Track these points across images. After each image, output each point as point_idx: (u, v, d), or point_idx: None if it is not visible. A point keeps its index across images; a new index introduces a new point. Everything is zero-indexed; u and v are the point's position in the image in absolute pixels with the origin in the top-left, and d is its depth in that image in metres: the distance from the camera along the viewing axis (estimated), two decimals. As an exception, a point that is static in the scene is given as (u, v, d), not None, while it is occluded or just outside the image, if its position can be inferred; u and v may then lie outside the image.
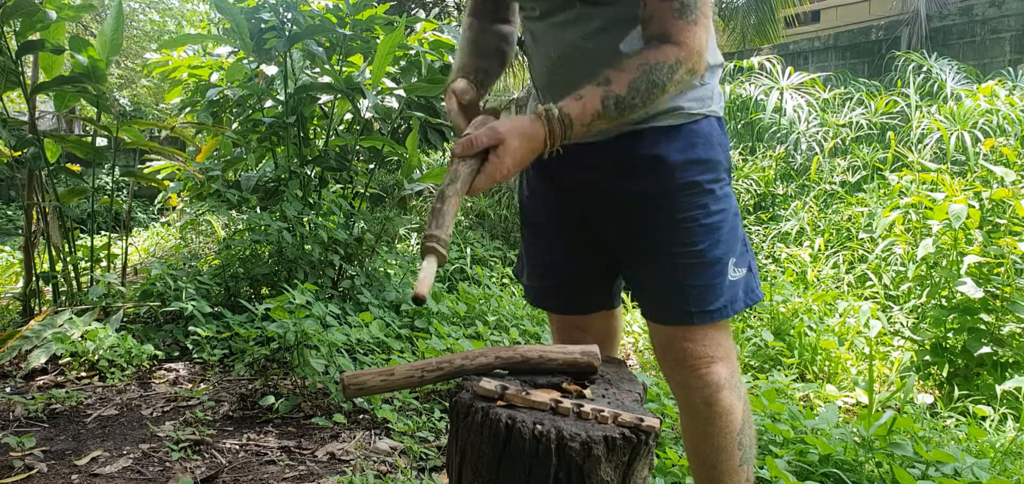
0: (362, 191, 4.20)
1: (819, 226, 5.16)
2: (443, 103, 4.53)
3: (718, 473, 1.36)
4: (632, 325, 4.05)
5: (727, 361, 1.36)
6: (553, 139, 1.15)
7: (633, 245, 1.38)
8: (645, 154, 1.31)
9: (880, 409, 2.61)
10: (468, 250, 5.37)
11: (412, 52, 4.28)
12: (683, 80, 1.19)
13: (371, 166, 4.27)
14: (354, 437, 2.45)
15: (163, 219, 7.94)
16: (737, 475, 1.36)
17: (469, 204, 6.61)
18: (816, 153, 6.21)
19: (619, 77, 1.16)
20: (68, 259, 3.71)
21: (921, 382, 3.27)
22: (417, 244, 5.88)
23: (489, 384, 1.03)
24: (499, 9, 1.51)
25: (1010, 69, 6.78)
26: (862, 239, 4.75)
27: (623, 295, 1.80)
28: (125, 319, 3.48)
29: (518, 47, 1.53)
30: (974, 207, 3.46)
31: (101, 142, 4.01)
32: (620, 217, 1.36)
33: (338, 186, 4.23)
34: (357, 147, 4.11)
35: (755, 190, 6.02)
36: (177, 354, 3.36)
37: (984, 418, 2.74)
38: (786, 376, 3.16)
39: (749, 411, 1.41)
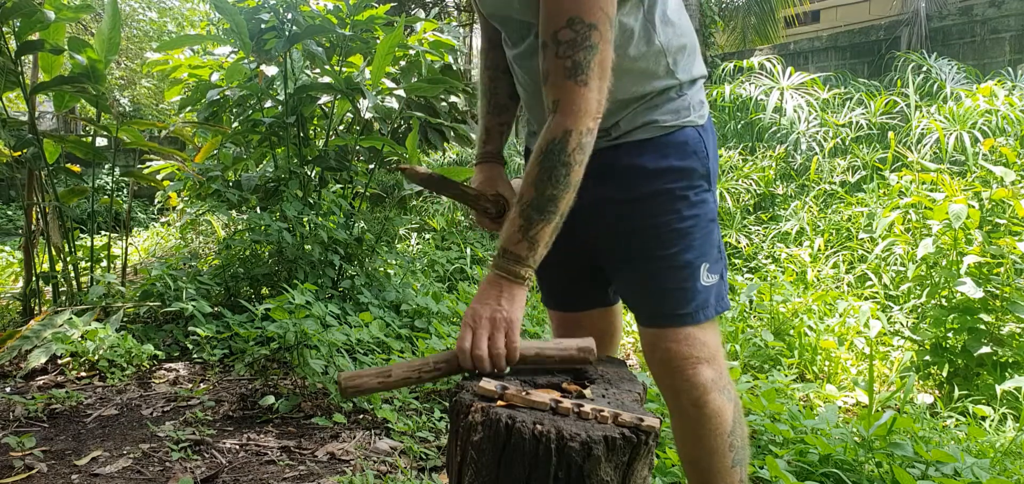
0: (362, 191, 4.20)
1: (819, 226, 5.15)
2: (443, 103, 4.52)
3: (711, 475, 1.37)
4: (632, 325, 4.05)
5: (713, 363, 1.36)
6: (516, 273, 1.16)
7: (611, 248, 1.41)
8: (621, 164, 1.35)
9: (880, 409, 2.61)
10: (468, 250, 5.37)
11: (412, 52, 4.28)
12: (583, 147, 1.17)
13: (371, 166, 4.28)
14: (354, 437, 2.45)
15: (163, 219, 7.94)
16: (730, 476, 1.37)
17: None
18: (816, 153, 6.21)
19: (525, 185, 1.18)
20: (68, 259, 3.71)
21: (921, 382, 3.27)
22: (417, 244, 5.88)
23: (489, 384, 1.03)
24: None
25: (1010, 69, 6.78)
26: (862, 239, 4.75)
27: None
28: (125, 319, 3.48)
29: None
30: (974, 207, 3.46)
31: (101, 142, 4.01)
32: (599, 222, 1.39)
33: (338, 186, 4.23)
34: (357, 147, 4.11)
35: (755, 190, 6.02)
36: (177, 354, 3.36)
37: (984, 418, 2.74)
38: (786, 376, 3.16)
39: (740, 412, 1.41)
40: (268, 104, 4.12)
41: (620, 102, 1.32)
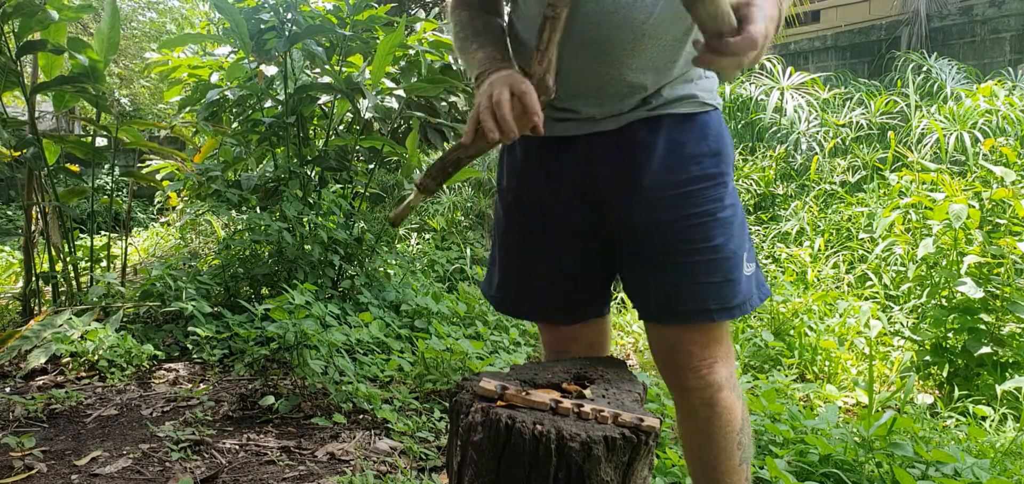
0: (362, 191, 4.20)
1: (819, 226, 5.15)
2: (443, 103, 4.50)
3: (718, 473, 1.35)
4: (632, 325, 4.05)
5: (726, 361, 1.34)
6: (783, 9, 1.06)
7: (645, 243, 1.30)
8: (660, 143, 1.27)
9: (880, 409, 2.61)
10: (468, 250, 5.37)
11: (412, 52, 4.28)
12: None
13: (371, 166, 4.28)
14: (354, 437, 2.45)
15: (163, 219, 7.94)
16: (737, 474, 1.36)
17: (468, 203, 6.61)
18: (816, 153, 6.21)
19: None
20: (68, 259, 3.71)
21: (921, 382, 3.27)
22: (417, 244, 5.88)
23: (489, 384, 1.03)
24: None
25: (1010, 69, 6.78)
26: (862, 239, 4.75)
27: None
28: (125, 319, 3.48)
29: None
30: (974, 207, 3.46)
31: (101, 142, 4.01)
32: (631, 213, 1.30)
33: (338, 186, 4.23)
34: (357, 147, 4.11)
35: (755, 190, 6.02)
36: (177, 354, 3.36)
37: (984, 418, 2.74)
38: (786, 376, 3.16)
39: (747, 410, 1.40)
40: (268, 104, 4.12)
41: (671, 62, 1.26)
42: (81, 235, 4.73)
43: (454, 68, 4.31)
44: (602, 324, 1.52)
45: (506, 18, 1.43)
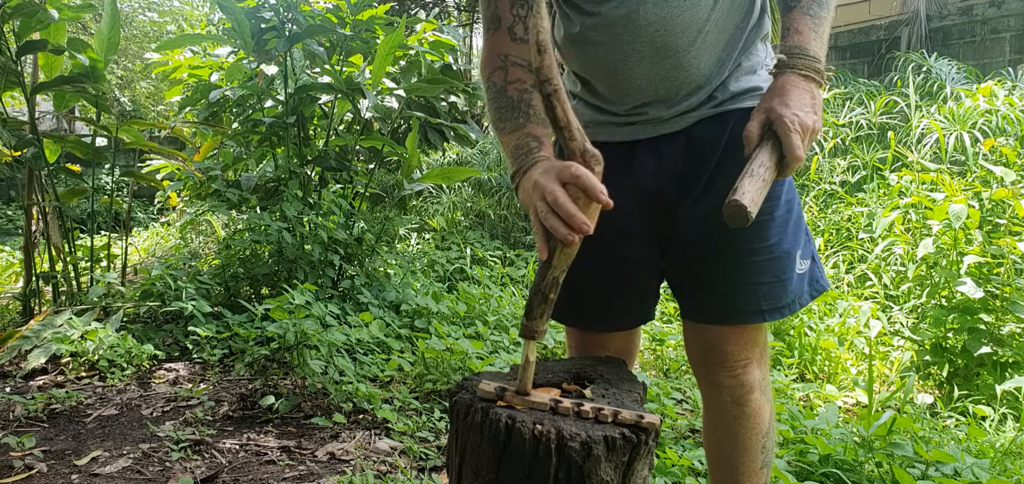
0: (362, 191, 4.20)
1: (819, 226, 5.15)
2: (443, 103, 4.50)
3: (738, 474, 1.35)
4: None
5: (762, 363, 1.34)
6: (821, 74, 1.10)
7: (700, 243, 1.28)
8: (724, 143, 1.25)
9: (880, 409, 2.61)
10: (468, 250, 5.37)
11: (412, 52, 4.28)
12: None
13: (371, 166, 4.28)
14: (354, 437, 2.45)
15: (163, 219, 7.94)
16: (757, 477, 1.35)
17: (468, 203, 6.61)
18: (816, 153, 6.21)
19: None
20: (68, 259, 3.71)
21: (921, 382, 3.27)
22: (417, 244, 5.88)
23: (488, 385, 1.03)
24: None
25: (1010, 69, 6.78)
26: (862, 239, 4.75)
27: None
28: (125, 319, 3.48)
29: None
30: (974, 207, 3.46)
31: (101, 142, 4.01)
32: (693, 213, 1.27)
33: (338, 186, 4.23)
34: (357, 147, 4.11)
35: (755, 190, 6.00)
36: (177, 354, 3.36)
37: (984, 418, 2.74)
38: (786, 376, 3.16)
39: (774, 414, 1.39)
40: (268, 104, 4.13)
41: (734, 50, 1.24)
42: (81, 235, 4.73)
43: (454, 68, 4.32)
44: (635, 333, 1.49)
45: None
